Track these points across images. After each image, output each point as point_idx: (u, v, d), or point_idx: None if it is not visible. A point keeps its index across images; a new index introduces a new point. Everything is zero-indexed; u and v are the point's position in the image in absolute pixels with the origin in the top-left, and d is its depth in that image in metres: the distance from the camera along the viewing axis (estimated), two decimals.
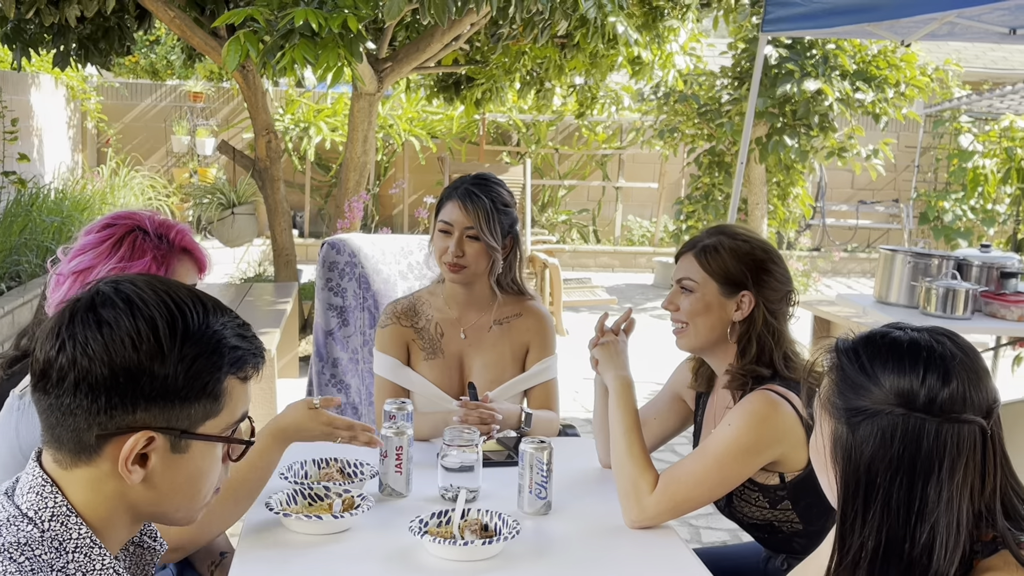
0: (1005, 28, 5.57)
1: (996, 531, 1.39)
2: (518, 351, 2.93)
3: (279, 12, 4.74)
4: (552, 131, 13.43)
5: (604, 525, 2.32)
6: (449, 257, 2.82)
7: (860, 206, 14.03)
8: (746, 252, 2.37)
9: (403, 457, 2.36)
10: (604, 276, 12.21)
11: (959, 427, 1.37)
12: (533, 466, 2.29)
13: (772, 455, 2.26)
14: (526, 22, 5.98)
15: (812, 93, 9.57)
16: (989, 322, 5.01)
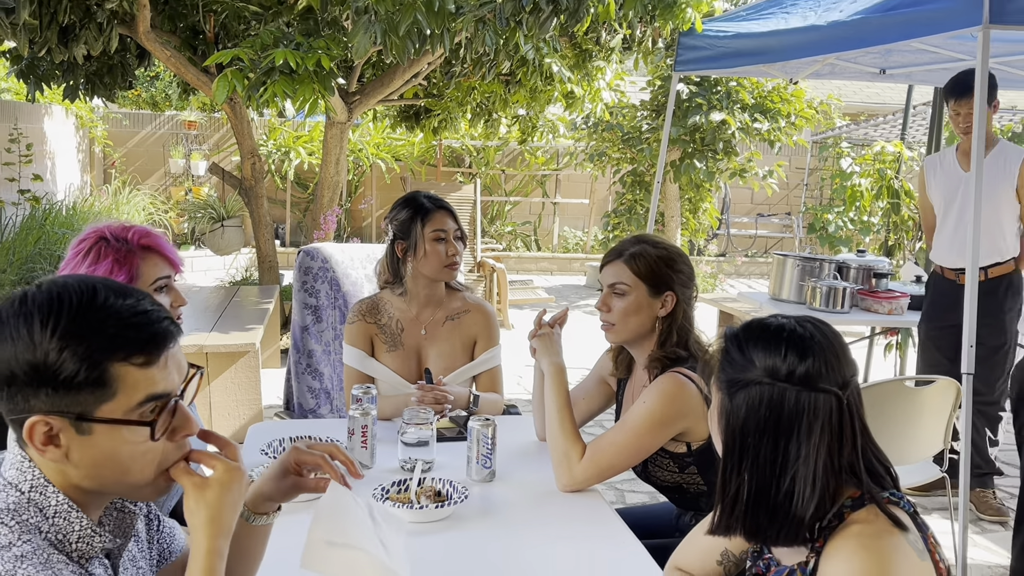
0: (876, 69, 5.67)
1: (863, 488, 1.43)
2: (467, 342, 2.94)
3: (262, 53, 4.71)
4: (499, 155, 13.46)
5: (541, 490, 2.34)
6: (448, 260, 2.82)
7: (758, 218, 14.22)
8: (667, 257, 2.39)
9: (368, 434, 2.36)
10: (544, 278, 12.25)
11: (815, 395, 1.41)
12: (480, 440, 2.30)
13: (680, 427, 2.29)
14: (475, 62, 6.00)
15: (717, 123, 9.66)
16: (864, 315, 5.09)
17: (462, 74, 6.77)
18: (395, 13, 4.36)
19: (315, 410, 3.44)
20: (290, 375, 3.55)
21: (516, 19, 4.58)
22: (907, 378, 3.58)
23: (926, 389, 3.50)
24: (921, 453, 3.61)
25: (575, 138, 12.00)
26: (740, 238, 14.24)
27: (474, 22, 4.51)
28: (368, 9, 4.42)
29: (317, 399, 3.45)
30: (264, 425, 2.75)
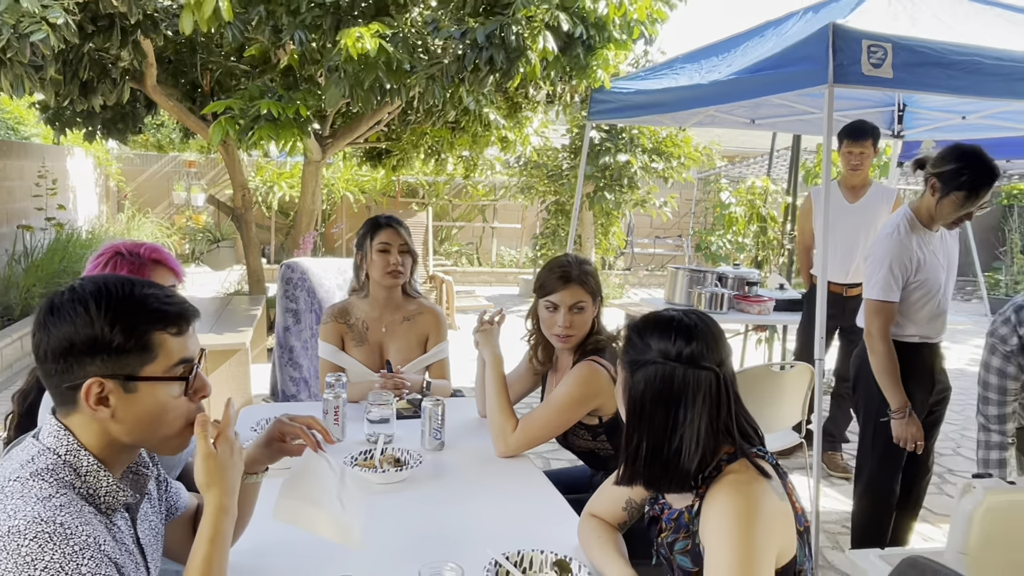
0: (747, 119, 5.78)
1: (736, 446, 1.47)
2: (421, 338, 2.93)
3: (250, 103, 4.66)
4: (447, 188, 13.42)
5: (482, 457, 2.35)
6: (391, 267, 2.81)
7: (656, 239, 14.39)
8: (595, 272, 2.44)
9: (339, 413, 2.35)
10: (484, 289, 12.23)
11: (698, 372, 1.45)
12: (431, 417, 2.31)
13: (594, 404, 2.32)
14: (427, 111, 5.99)
15: (623, 163, 9.78)
16: (739, 315, 5.15)
17: (416, 121, 6.76)
18: (360, 71, 4.35)
19: (296, 395, 3.41)
20: (275, 367, 3.50)
21: (459, 77, 4.60)
22: (773, 364, 3.66)
23: (787, 372, 3.58)
24: (783, 423, 3.69)
25: (509, 174, 12.03)
26: (642, 255, 14.40)
27: (425, 79, 4.51)
28: (338, 68, 4.40)
29: (297, 386, 3.41)
30: (253, 408, 2.71)
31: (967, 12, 4.10)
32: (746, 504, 1.37)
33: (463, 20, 4.56)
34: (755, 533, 1.34)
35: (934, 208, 2.86)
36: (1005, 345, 2.72)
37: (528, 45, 4.35)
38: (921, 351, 2.99)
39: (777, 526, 1.40)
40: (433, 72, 4.50)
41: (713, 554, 1.37)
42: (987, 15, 4.12)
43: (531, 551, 1.61)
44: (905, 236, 2.87)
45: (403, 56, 4.37)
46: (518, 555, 1.59)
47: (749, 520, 1.35)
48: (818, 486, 3.36)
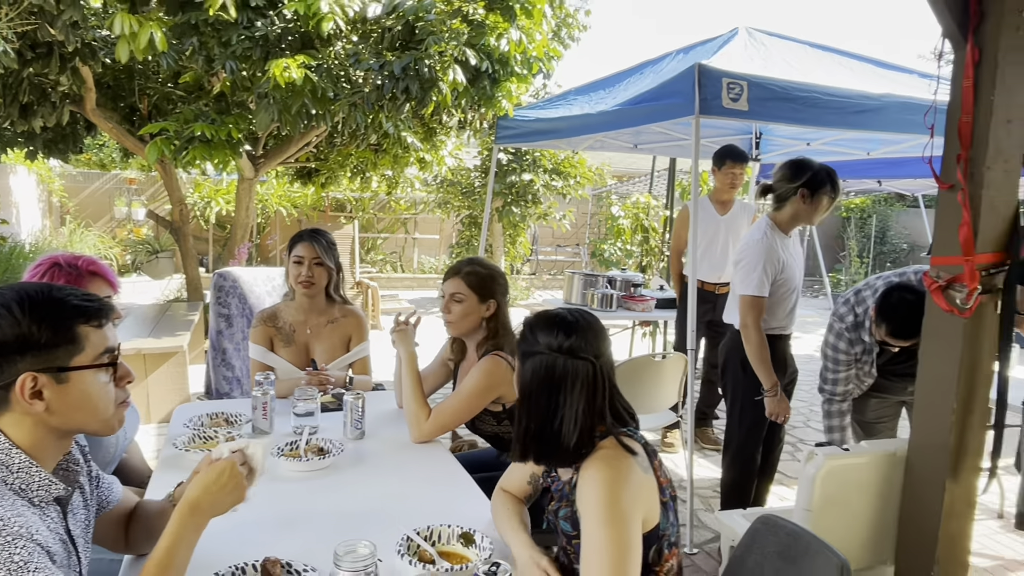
0: (631, 144, 5.91)
1: (605, 426, 1.49)
2: (344, 339, 2.87)
3: (184, 126, 4.47)
4: (372, 203, 13.22)
5: (399, 443, 2.31)
6: (303, 278, 2.74)
7: (557, 248, 14.56)
8: (490, 275, 2.43)
9: (268, 408, 2.27)
10: (407, 293, 12.10)
11: (576, 361, 1.46)
12: (353, 410, 2.26)
13: (497, 393, 2.32)
14: (351, 135, 5.90)
15: (527, 181, 9.87)
16: (627, 313, 5.24)
17: (342, 144, 6.63)
18: (288, 98, 4.23)
19: (229, 393, 3.28)
20: (209, 368, 3.37)
21: (379, 104, 4.53)
22: (654, 354, 3.75)
23: (665, 361, 3.67)
24: (663, 405, 3.78)
25: (428, 191, 11.97)
26: (545, 262, 14.53)
27: (348, 106, 4.43)
28: (267, 95, 4.27)
29: (230, 385, 3.29)
30: (187, 406, 2.59)
31: (809, 56, 4.31)
32: (613, 474, 1.39)
33: (381, 54, 4.50)
34: (621, 498, 1.36)
35: (806, 211, 2.97)
36: (841, 323, 2.86)
37: (440, 77, 4.33)
38: (777, 341, 3.11)
39: (642, 495, 1.42)
40: (355, 100, 4.42)
41: (587, 517, 1.38)
42: (825, 59, 4.35)
43: (440, 526, 1.59)
44: (771, 241, 2.99)
45: (327, 85, 4.27)
46: (427, 530, 1.57)
47: (616, 487, 1.37)
48: (691, 457, 3.46)
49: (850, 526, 2.46)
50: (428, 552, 1.50)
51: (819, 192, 2.93)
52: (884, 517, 2.47)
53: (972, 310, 2.18)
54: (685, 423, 4.40)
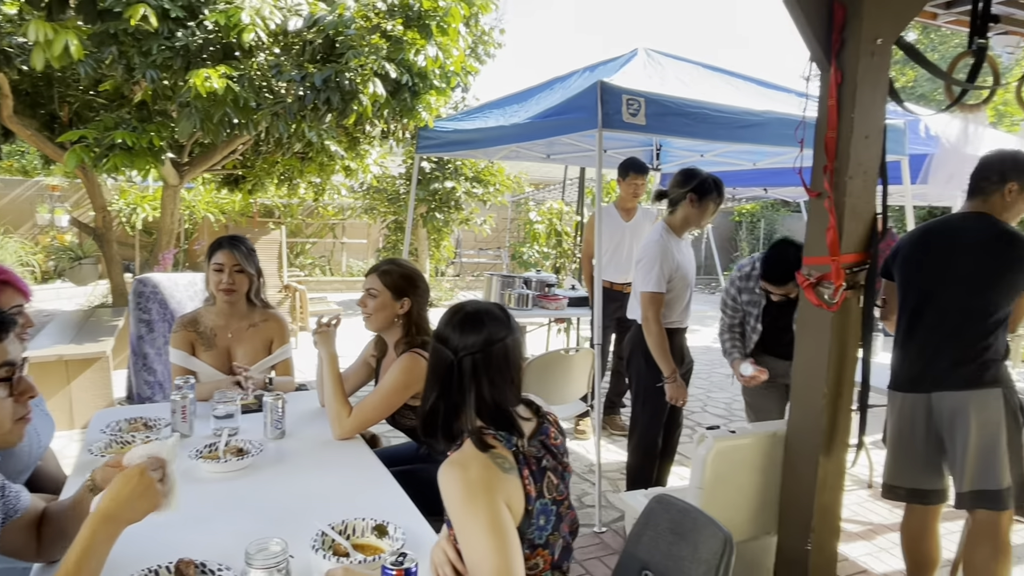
0: (544, 154, 5.96)
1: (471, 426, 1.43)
2: (266, 342, 2.77)
3: (104, 133, 4.23)
4: (300, 209, 12.87)
5: (321, 441, 2.25)
6: (224, 285, 2.64)
7: (480, 251, 14.56)
8: (406, 275, 2.40)
9: (187, 412, 2.17)
10: (336, 296, 11.83)
11: (461, 356, 1.42)
12: (272, 410, 2.19)
13: (416, 389, 2.29)
14: (276, 143, 5.71)
15: (449, 189, 9.82)
16: (542, 311, 5.24)
17: (267, 152, 6.42)
18: (210, 107, 4.06)
19: (151, 398, 3.12)
20: (130, 373, 3.19)
21: (301, 114, 4.40)
22: (563, 349, 3.79)
23: (575, 355, 3.72)
24: (574, 395, 3.83)
25: (355, 197, 11.75)
26: (469, 264, 14.51)
27: (270, 115, 4.29)
28: (189, 104, 4.08)
29: (152, 389, 3.13)
30: (105, 412, 2.45)
31: (700, 76, 4.46)
32: (460, 466, 1.35)
33: (303, 66, 4.37)
34: (475, 486, 1.31)
35: (694, 215, 3.08)
36: (739, 272, 3.11)
37: (360, 89, 4.24)
38: (674, 334, 3.20)
39: (498, 485, 1.35)
40: (277, 109, 4.28)
41: (451, 512, 1.34)
42: (714, 79, 4.50)
43: (354, 519, 1.55)
44: (666, 242, 3.08)
45: (249, 95, 4.12)
46: (342, 524, 1.53)
47: (465, 476, 1.33)
48: (599, 442, 3.52)
49: (738, 501, 2.55)
50: (342, 545, 1.46)
51: (705, 197, 3.06)
52: (767, 492, 2.57)
53: (838, 304, 2.29)
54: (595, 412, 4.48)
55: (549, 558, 1.49)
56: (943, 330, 2.44)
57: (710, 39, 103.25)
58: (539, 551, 1.46)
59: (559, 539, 1.51)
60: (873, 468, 4.19)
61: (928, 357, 2.46)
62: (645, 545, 1.79)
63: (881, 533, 3.46)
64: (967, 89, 2.64)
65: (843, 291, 2.28)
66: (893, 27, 2.30)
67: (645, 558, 1.78)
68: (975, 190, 2.53)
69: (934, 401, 2.43)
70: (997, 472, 2.30)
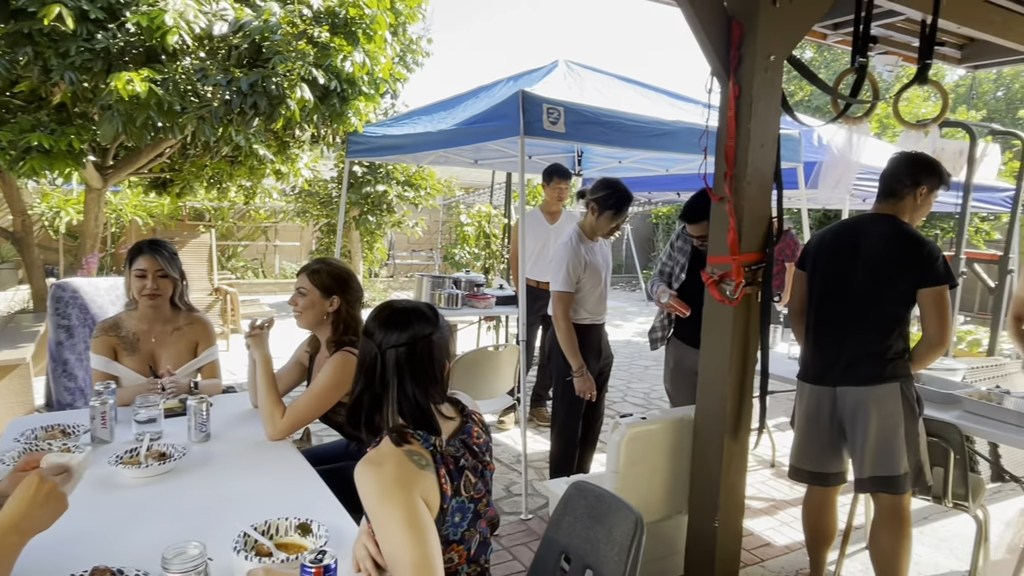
0: (472, 160, 5.95)
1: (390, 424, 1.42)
2: (191, 345, 2.65)
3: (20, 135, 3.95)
4: (232, 212, 12.41)
5: (248, 443, 2.17)
6: (148, 290, 2.51)
7: (413, 252, 14.41)
8: (335, 274, 2.35)
9: (107, 418, 2.06)
10: (269, 297, 11.47)
11: (384, 351, 1.41)
12: (196, 413, 2.09)
13: (348, 387, 2.23)
14: (204, 147, 5.48)
15: (381, 192, 9.68)
16: (472, 310, 5.20)
17: (195, 155, 6.15)
18: (133, 110, 3.86)
19: (72, 404, 2.93)
20: (49, 379, 3.00)
21: (228, 118, 4.24)
22: (493, 345, 3.80)
23: (502, 352, 3.73)
24: (501, 390, 3.84)
25: (287, 201, 11.41)
26: (402, 265, 14.34)
27: (196, 119, 4.10)
28: (111, 106, 3.87)
29: (73, 396, 2.94)
30: (21, 419, 2.28)
31: (617, 87, 4.54)
32: (375, 460, 1.33)
33: (229, 70, 4.21)
34: (387, 481, 1.30)
35: (595, 223, 3.15)
36: (674, 233, 3.24)
37: (288, 94, 4.12)
38: (591, 329, 3.25)
39: (413, 480, 1.33)
40: (203, 113, 4.11)
41: (367, 507, 1.31)
42: (629, 90, 4.60)
43: (277, 519, 1.50)
44: (576, 245, 3.12)
45: (174, 98, 3.94)
46: (265, 524, 1.48)
47: (379, 472, 1.31)
48: (525, 433, 3.54)
49: (651, 483, 2.61)
50: (265, 545, 1.41)
51: (605, 211, 3.12)
52: (678, 474, 2.65)
53: (739, 300, 2.38)
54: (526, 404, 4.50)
55: (465, 553, 1.47)
56: (847, 328, 2.46)
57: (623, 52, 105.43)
58: (454, 546, 1.44)
59: (475, 535, 1.49)
60: (776, 449, 4.38)
61: (834, 354, 2.48)
62: (564, 530, 1.81)
63: (783, 508, 3.61)
64: (850, 103, 2.79)
65: (743, 288, 2.37)
66: (785, 45, 2.40)
67: (564, 542, 1.80)
68: (889, 192, 2.51)
69: (838, 394, 2.47)
70: (895, 459, 2.36)
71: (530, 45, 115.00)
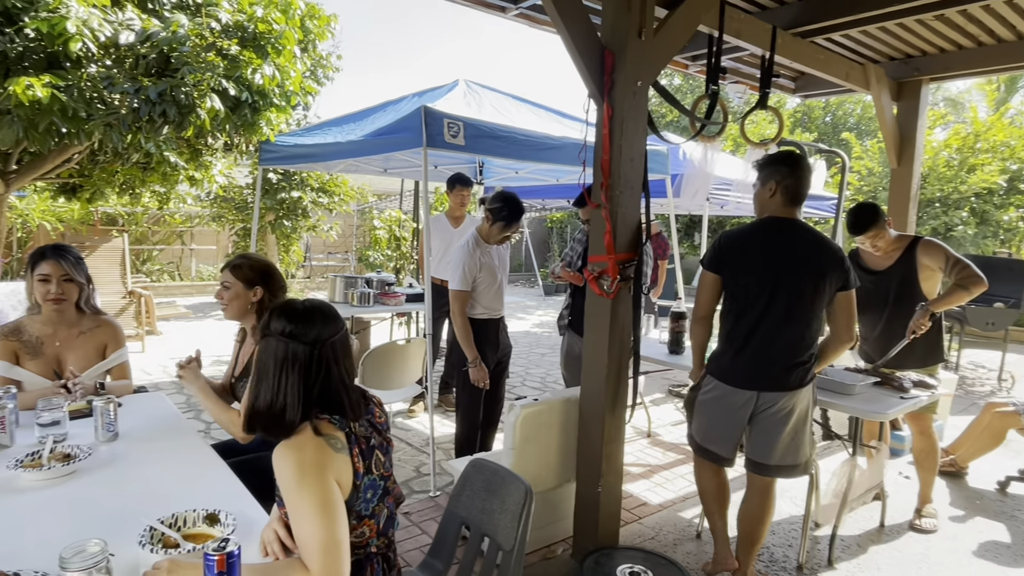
0: (381, 168, 5.83)
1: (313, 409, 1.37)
2: (99, 348, 2.44)
3: None
4: (146, 217, 11.51)
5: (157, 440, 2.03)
6: (52, 295, 2.28)
7: (329, 254, 13.94)
8: (255, 266, 2.25)
9: (6, 422, 1.86)
10: (186, 299, 10.76)
11: (295, 345, 1.36)
12: (102, 414, 1.94)
13: None
14: (114, 153, 5.05)
15: (296, 198, 9.30)
16: (383, 307, 5.11)
17: (105, 161, 5.65)
18: (35, 115, 3.50)
19: None
20: None
21: (136, 126, 3.93)
22: (402, 339, 3.75)
23: (410, 345, 3.69)
24: (411, 380, 3.80)
25: (202, 206, 10.73)
26: (319, 267, 13.82)
27: (103, 126, 3.78)
28: (10, 111, 3.49)
29: None
30: None
31: (512, 105, 4.59)
32: (295, 448, 1.30)
33: (137, 78, 3.90)
34: (306, 466, 1.28)
35: (489, 231, 3.17)
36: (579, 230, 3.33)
37: (198, 103, 3.87)
38: (489, 323, 3.28)
39: (331, 464, 1.32)
40: (110, 120, 3.78)
41: (284, 490, 1.29)
42: (523, 108, 4.66)
43: (185, 511, 1.42)
44: (472, 248, 3.13)
45: (79, 105, 3.61)
46: (172, 517, 1.39)
47: (300, 457, 1.29)
48: (432, 418, 3.52)
49: (544, 457, 2.67)
50: (172, 537, 1.33)
51: (496, 221, 3.15)
52: (567, 447, 2.72)
53: (615, 293, 2.48)
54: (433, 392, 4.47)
55: (375, 527, 1.46)
56: (779, 337, 2.28)
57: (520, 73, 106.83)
58: (366, 521, 1.43)
59: (384, 510, 1.48)
60: (651, 422, 4.59)
61: (764, 362, 2.29)
62: (464, 503, 1.82)
63: (657, 472, 3.78)
64: (704, 124, 2.96)
65: (618, 283, 2.47)
66: (650, 73, 2.52)
67: (464, 514, 1.81)
68: (800, 199, 2.33)
69: (761, 397, 2.31)
70: (801, 450, 2.37)
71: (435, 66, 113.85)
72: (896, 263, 3.06)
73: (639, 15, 2.41)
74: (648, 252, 3.66)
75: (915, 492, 3.29)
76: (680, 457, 3.99)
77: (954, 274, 2.92)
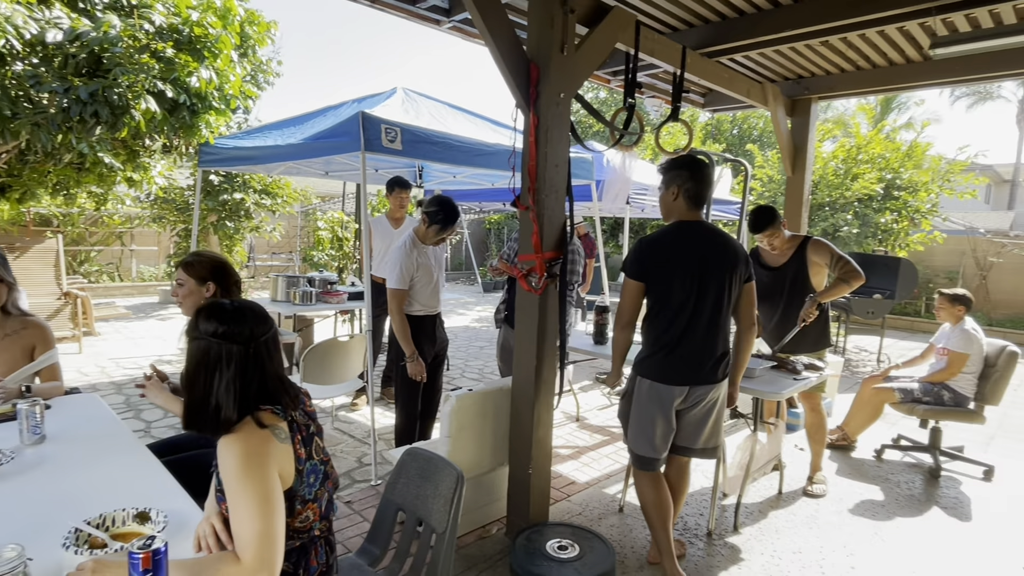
0: (323, 171, 5.65)
1: (252, 403, 1.34)
2: (27, 350, 2.25)
3: None
4: (83, 218, 10.71)
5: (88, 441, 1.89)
6: None
7: (273, 255, 13.41)
8: (206, 263, 2.12)
9: None
10: (126, 300, 10.09)
11: (228, 345, 1.31)
12: (28, 416, 1.79)
13: None
14: (45, 153, 4.66)
15: (239, 200, 8.89)
16: (326, 306, 4.95)
17: (35, 161, 5.21)
18: None
19: None
20: None
21: (67, 126, 3.64)
22: (344, 335, 3.65)
23: (351, 341, 3.59)
24: (353, 374, 3.71)
25: (142, 207, 10.09)
26: (263, 267, 13.26)
27: (30, 125, 3.48)
28: None
29: None
30: None
31: (448, 112, 4.55)
32: (242, 441, 1.27)
33: (66, 78, 3.61)
34: (251, 458, 1.25)
35: (425, 233, 3.13)
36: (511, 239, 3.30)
37: (132, 104, 3.63)
38: (426, 319, 3.24)
39: (275, 455, 1.31)
40: (37, 120, 3.49)
41: (226, 481, 1.24)
42: (458, 116, 4.62)
43: (114, 511, 1.32)
44: (410, 248, 3.08)
45: (3, 103, 3.31)
46: (100, 518, 1.30)
47: (246, 449, 1.25)
48: (373, 410, 3.45)
49: (478, 443, 2.67)
50: (99, 538, 1.24)
51: (432, 224, 3.11)
52: (500, 433, 2.73)
53: (542, 289, 2.50)
54: (376, 385, 4.39)
55: (318, 511, 1.44)
56: (708, 335, 2.26)
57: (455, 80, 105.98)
58: (310, 505, 1.41)
59: (324, 494, 1.47)
60: (579, 407, 4.67)
61: (696, 360, 2.27)
62: (399, 490, 1.79)
63: (584, 453, 3.85)
64: (623, 134, 3.03)
65: (545, 280, 2.49)
66: (572, 85, 2.55)
67: (399, 501, 1.78)
68: (701, 201, 2.30)
69: (693, 392, 2.30)
70: (719, 434, 2.43)
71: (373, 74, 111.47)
72: (790, 260, 3.24)
73: (561, 32, 2.44)
74: (580, 252, 3.71)
75: (808, 462, 3.49)
76: (606, 439, 4.07)
77: (837, 269, 3.11)
